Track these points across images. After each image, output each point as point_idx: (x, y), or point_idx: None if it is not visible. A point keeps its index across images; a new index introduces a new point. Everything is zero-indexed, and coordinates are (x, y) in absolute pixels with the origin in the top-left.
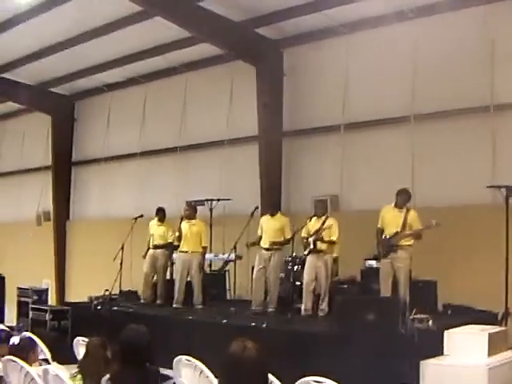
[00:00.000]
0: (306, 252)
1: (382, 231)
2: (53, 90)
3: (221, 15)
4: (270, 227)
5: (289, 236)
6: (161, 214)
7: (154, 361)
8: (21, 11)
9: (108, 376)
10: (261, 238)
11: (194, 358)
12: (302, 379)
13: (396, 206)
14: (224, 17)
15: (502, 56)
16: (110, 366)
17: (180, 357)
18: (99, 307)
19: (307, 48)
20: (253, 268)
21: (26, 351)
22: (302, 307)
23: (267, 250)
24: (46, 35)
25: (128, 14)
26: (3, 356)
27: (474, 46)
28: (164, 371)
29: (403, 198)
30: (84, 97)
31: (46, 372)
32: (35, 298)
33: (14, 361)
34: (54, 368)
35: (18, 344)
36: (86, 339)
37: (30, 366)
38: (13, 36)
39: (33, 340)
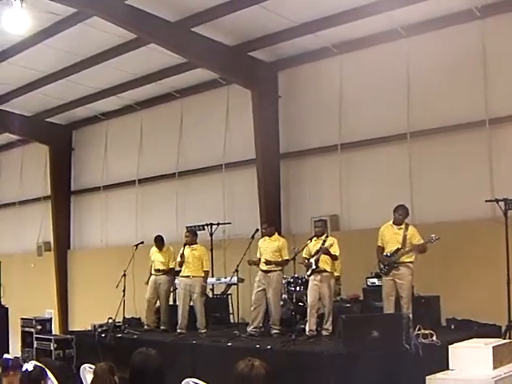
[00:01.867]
0: (308, 273)
1: (382, 249)
2: (49, 119)
3: (215, 40)
4: (267, 248)
5: (286, 257)
6: (158, 242)
7: None
8: (14, 43)
9: None
10: (260, 260)
11: (201, 380)
12: None
13: (394, 223)
14: (218, 41)
15: (496, 70)
16: None
17: (187, 380)
18: (103, 335)
19: (301, 69)
20: None
21: (38, 380)
22: (307, 328)
23: (266, 271)
24: (41, 65)
25: (122, 41)
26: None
27: (468, 61)
28: None
29: (401, 215)
30: (81, 126)
31: None
32: (39, 327)
33: None
34: None
35: (31, 372)
36: (93, 366)
37: None
38: (7, 67)
39: (44, 369)
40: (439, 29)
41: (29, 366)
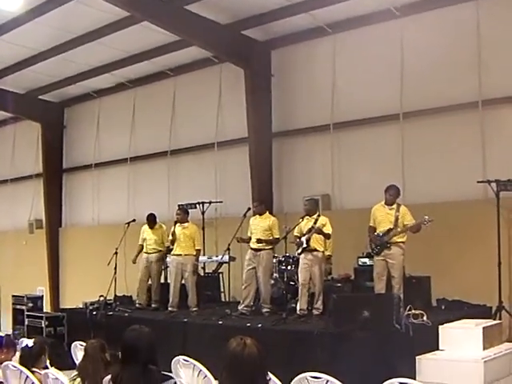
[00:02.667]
0: (299, 251)
1: (374, 229)
2: (41, 97)
3: (208, 18)
4: (258, 227)
5: (277, 235)
6: (150, 220)
7: (156, 362)
8: (6, 20)
9: (109, 377)
10: (250, 238)
11: (191, 359)
12: (300, 375)
13: (386, 203)
14: (211, 20)
15: (490, 51)
16: (110, 367)
17: (178, 357)
18: (94, 313)
19: (295, 48)
20: None
21: (38, 355)
22: (298, 307)
23: (256, 250)
24: (33, 43)
25: (115, 19)
26: (7, 360)
27: (462, 43)
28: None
29: (392, 195)
30: (73, 103)
31: (45, 376)
32: (30, 305)
33: (14, 366)
34: (54, 372)
35: (32, 347)
36: (84, 343)
37: (43, 370)
38: None
39: (44, 345)
40: (433, 9)
41: (29, 341)
